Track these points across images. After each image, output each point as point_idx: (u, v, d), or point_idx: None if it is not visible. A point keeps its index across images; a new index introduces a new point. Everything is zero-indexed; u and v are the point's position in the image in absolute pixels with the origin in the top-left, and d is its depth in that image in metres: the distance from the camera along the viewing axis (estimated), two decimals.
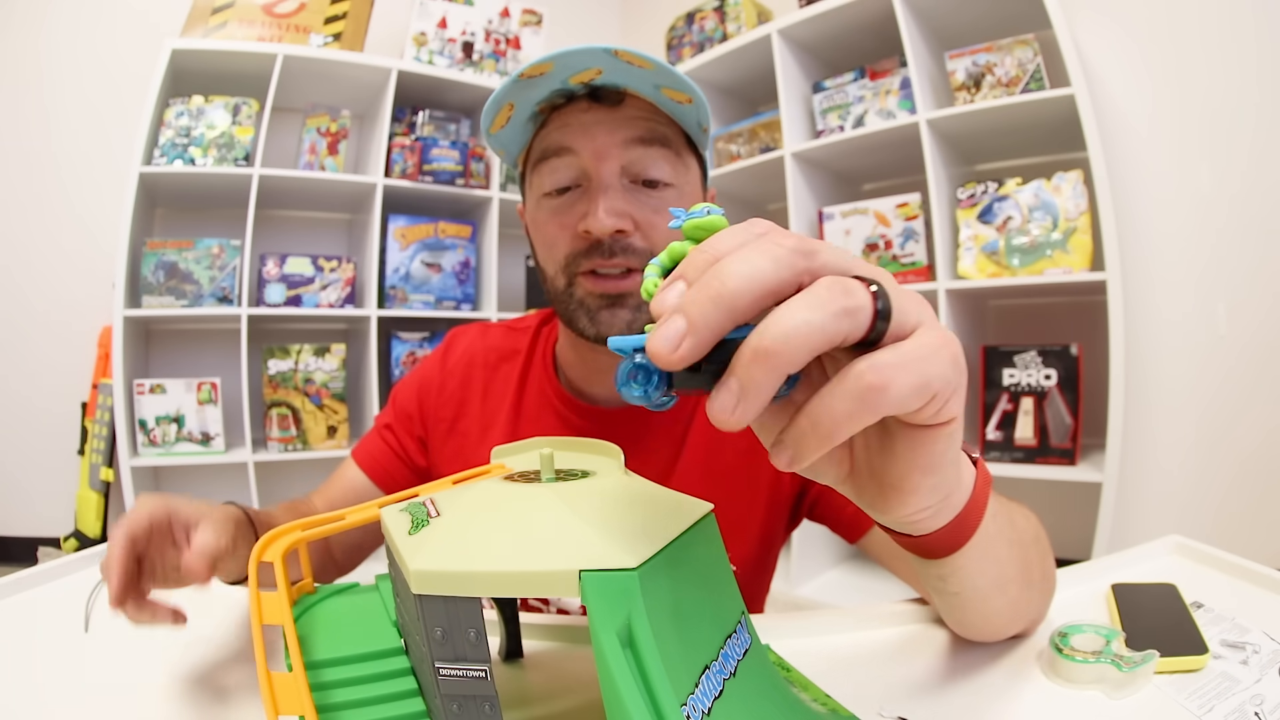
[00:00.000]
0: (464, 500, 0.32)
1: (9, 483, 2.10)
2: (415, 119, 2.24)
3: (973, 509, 0.31)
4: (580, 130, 0.55)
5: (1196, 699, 0.37)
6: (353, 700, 0.30)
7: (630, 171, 0.56)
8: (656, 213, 0.56)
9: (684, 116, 0.57)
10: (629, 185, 0.56)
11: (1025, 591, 0.41)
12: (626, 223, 0.55)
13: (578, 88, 0.55)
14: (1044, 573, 0.44)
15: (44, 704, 0.38)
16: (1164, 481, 1.58)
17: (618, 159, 0.55)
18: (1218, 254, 1.51)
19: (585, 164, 0.55)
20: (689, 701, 0.23)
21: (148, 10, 2.12)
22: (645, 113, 0.56)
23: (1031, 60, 1.59)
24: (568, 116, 0.56)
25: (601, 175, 0.55)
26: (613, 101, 0.55)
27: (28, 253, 2.09)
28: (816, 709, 0.32)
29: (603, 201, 0.54)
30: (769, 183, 2.00)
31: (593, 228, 0.54)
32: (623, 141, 0.55)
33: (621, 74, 0.52)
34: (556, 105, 0.57)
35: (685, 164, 0.59)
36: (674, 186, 0.57)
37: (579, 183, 0.57)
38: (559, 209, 0.57)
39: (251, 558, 0.36)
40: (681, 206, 0.56)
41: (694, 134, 0.59)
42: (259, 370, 2.07)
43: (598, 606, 0.23)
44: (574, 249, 0.56)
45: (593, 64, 0.51)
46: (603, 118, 0.55)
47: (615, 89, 0.55)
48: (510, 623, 0.42)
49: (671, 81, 0.52)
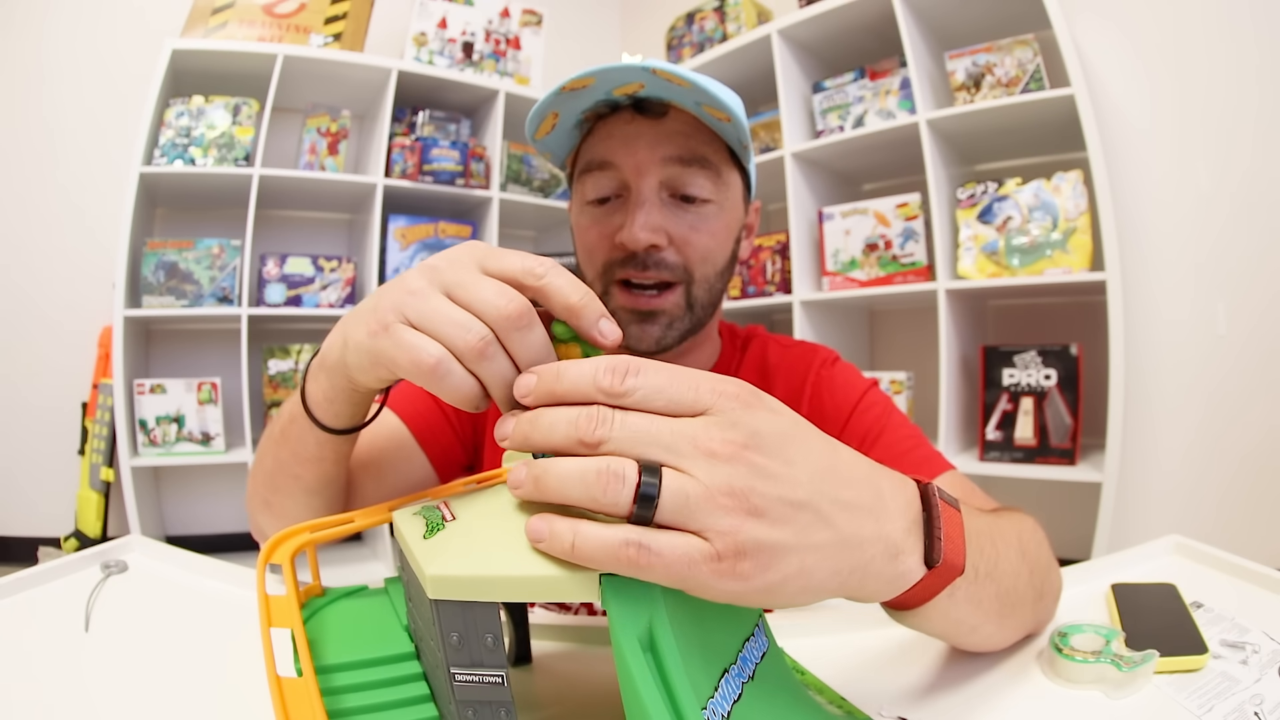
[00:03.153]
0: (479, 503, 0.31)
1: (9, 483, 2.09)
2: (415, 119, 2.23)
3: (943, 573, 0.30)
4: (622, 143, 0.56)
5: (1196, 699, 0.37)
6: (364, 706, 0.30)
7: (669, 186, 0.57)
8: (693, 229, 0.57)
9: (726, 132, 0.57)
10: (667, 200, 0.57)
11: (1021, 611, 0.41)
12: (661, 237, 0.56)
13: (622, 99, 0.56)
14: (1047, 585, 0.43)
15: (44, 704, 0.38)
16: (1164, 481, 1.58)
17: (657, 174, 0.56)
18: (1217, 254, 1.51)
19: (625, 177, 0.57)
20: (709, 705, 0.23)
21: (148, 10, 2.12)
22: (688, 128, 0.56)
23: (1031, 60, 1.59)
24: (612, 127, 0.57)
25: (640, 189, 0.56)
26: (656, 113, 0.56)
27: (28, 253, 2.08)
28: (832, 711, 0.32)
29: (640, 215, 0.55)
30: (769, 183, 2.00)
31: (627, 241, 0.55)
32: (662, 159, 0.56)
33: (663, 89, 0.53)
34: (601, 115, 0.58)
35: (726, 181, 0.59)
36: (713, 203, 0.58)
37: (619, 193, 0.58)
38: (599, 218, 0.59)
39: (259, 560, 0.36)
40: (719, 222, 0.59)
41: (737, 149, 0.59)
42: (259, 370, 2.07)
43: (619, 611, 0.23)
44: (611, 258, 0.58)
45: (634, 79, 0.52)
46: (644, 130, 0.56)
47: (659, 101, 0.56)
48: (519, 626, 0.42)
49: (710, 100, 0.52)
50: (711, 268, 0.59)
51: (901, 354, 2.07)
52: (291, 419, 0.46)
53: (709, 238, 0.58)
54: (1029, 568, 0.41)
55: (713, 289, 0.61)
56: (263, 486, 0.51)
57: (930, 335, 1.68)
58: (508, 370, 0.30)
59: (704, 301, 0.60)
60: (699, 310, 0.60)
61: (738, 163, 0.61)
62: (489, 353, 0.29)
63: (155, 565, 0.59)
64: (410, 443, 0.61)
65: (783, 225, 1.95)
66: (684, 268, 0.57)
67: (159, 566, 0.59)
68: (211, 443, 1.99)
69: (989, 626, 0.39)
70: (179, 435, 1.97)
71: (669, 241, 0.57)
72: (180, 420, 1.97)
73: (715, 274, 0.60)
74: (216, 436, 1.99)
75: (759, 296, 2.06)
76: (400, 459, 0.61)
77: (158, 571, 0.58)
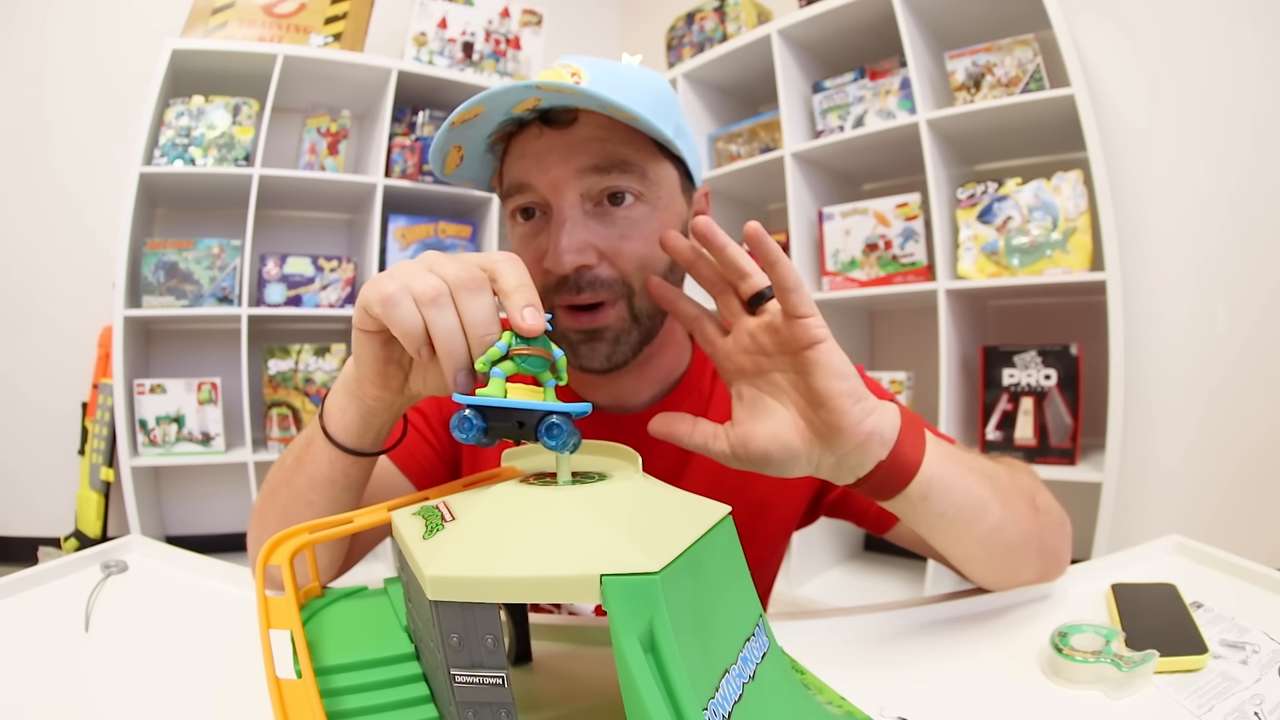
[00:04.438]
0: (479, 504, 0.31)
1: (9, 483, 2.09)
2: (415, 119, 2.23)
3: (909, 434, 0.43)
4: (535, 161, 0.53)
5: (1196, 699, 0.37)
6: (364, 707, 0.30)
7: (591, 197, 0.53)
8: (624, 238, 0.53)
9: (644, 129, 0.51)
10: (592, 210, 0.53)
11: (1014, 511, 0.48)
12: (589, 256, 0.52)
13: (525, 114, 0.52)
14: (1042, 503, 0.51)
15: (44, 704, 0.38)
16: (1163, 481, 1.58)
17: (574, 188, 0.52)
18: (1217, 253, 1.51)
19: (545, 196, 0.53)
20: (710, 706, 0.23)
21: (148, 10, 2.12)
22: (601, 131, 0.52)
23: (1031, 60, 1.59)
24: (524, 145, 0.54)
25: (560, 208, 0.52)
26: (564, 123, 0.52)
27: (28, 252, 2.08)
28: (832, 711, 0.32)
29: (562, 237, 0.51)
30: (769, 183, 2.00)
31: (553, 266, 0.51)
32: (577, 171, 0.52)
33: (561, 98, 0.49)
34: (512, 132, 0.55)
35: (654, 179, 0.54)
36: (643, 203, 0.54)
37: (544, 210, 0.54)
38: (525, 238, 0.55)
39: (258, 561, 0.36)
40: (654, 223, 0.56)
41: (662, 138, 0.52)
42: (259, 370, 2.07)
43: (619, 611, 0.23)
44: (545, 283, 0.53)
45: (524, 97, 0.49)
46: (555, 144, 0.52)
47: (565, 109, 0.51)
48: (519, 625, 0.42)
49: (601, 107, 0.48)
50: (652, 273, 0.54)
51: (901, 354, 2.07)
52: (308, 442, 0.48)
53: (642, 243, 0.53)
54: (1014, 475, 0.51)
55: None
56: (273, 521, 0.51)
57: (930, 335, 1.68)
58: (452, 321, 0.35)
59: (650, 310, 0.56)
60: (646, 320, 0.56)
61: (668, 153, 0.55)
62: (440, 301, 0.35)
63: (155, 565, 0.59)
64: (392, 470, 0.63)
65: (783, 225, 1.96)
66: (620, 281, 0.53)
67: (159, 566, 0.59)
68: (211, 443, 1.99)
69: (994, 504, 0.47)
70: (179, 435, 1.97)
71: (599, 257, 0.52)
72: (180, 420, 1.97)
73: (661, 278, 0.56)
74: (216, 436, 1.99)
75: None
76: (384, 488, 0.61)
77: (158, 571, 0.58)
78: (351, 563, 0.59)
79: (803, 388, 0.43)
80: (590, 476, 0.34)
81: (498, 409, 0.34)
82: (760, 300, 0.44)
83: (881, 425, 0.42)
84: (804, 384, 0.42)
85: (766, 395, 0.45)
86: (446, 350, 0.35)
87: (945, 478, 0.44)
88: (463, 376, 0.35)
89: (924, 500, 0.44)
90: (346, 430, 0.46)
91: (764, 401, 0.45)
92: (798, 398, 0.43)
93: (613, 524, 0.27)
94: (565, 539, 0.27)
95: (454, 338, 0.35)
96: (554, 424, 0.33)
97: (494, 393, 0.34)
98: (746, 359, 0.45)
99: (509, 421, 0.34)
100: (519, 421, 0.34)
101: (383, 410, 0.45)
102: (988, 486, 0.47)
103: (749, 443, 0.44)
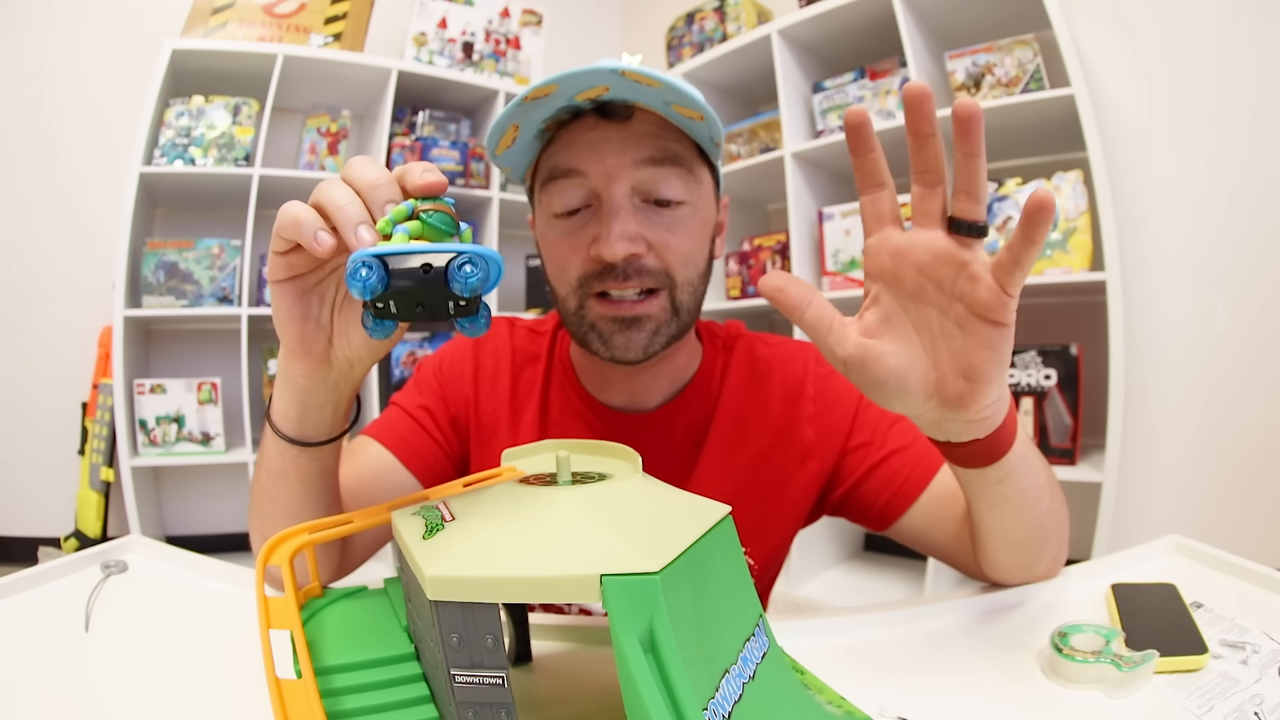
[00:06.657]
0: (479, 504, 0.31)
1: (9, 483, 2.09)
2: (415, 119, 2.24)
3: (1010, 416, 0.43)
4: (588, 149, 0.53)
5: (1196, 699, 0.37)
6: (364, 707, 0.30)
7: (642, 191, 0.54)
8: (670, 232, 0.55)
9: (696, 130, 0.55)
10: (641, 205, 0.55)
11: (1054, 503, 0.50)
12: (640, 245, 0.53)
13: (584, 104, 0.53)
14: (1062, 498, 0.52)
15: (44, 704, 0.38)
16: (1163, 481, 1.58)
17: (628, 180, 0.54)
18: (1217, 253, 1.51)
19: (595, 185, 0.54)
20: (710, 706, 0.23)
21: (148, 10, 2.12)
22: (655, 128, 0.54)
23: (1031, 60, 1.59)
24: (575, 134, 0.54)
25: (612, 197, 0.53)
26: (621, 117, 0.53)
27: (28, 252, 2.08)
28: (832, 711, 0.32)
29: (615, 225, 0.52)
30: (769, 183, 2.00)
31: (605, 254, 0.52)
32: (633, 162, 0.53)
33: (629, 90, 0.51)
34: (563, 122, 0.55)
35: (698, 179, 0.57)
36: (688, 204, 0.56)
37: (589, 203, 0.55)
38: (570, 231, 0.56)
39: (258, 561, 0.36)
40: (695, 223, 0.57)
41: (706, 146, 0.57)
42: (259, 370, 2.07)
43: (619, 611, 0.23)
44: (587, 271, 0.55)
45: (599, 83, 0.50)
46: (611, 135, 0.53)
47: (623, 104, 0.53)
48: (519, 626, 0.42)
49: (682, 99, 0.50)
50: (693, 270, 0.57)
51: None
52: (264, 437, 0.48)
53: (687, 240, 0.56)
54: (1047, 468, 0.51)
55: (696, 291, 0.59)
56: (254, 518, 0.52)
57: None
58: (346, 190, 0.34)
59: (689, 306, 0.58)
60: (684, 315, 0.57)
61: (705, 160, 0.59)
62: (331, 180, 0.35)
63: (155, 565, 0.59)
64: (397, 467, 0.62)
65: (783, 225, 1.95)
66: (665, 273, 0.55)
67: (159, 566, 0.59)
68: (211, 443, 1.99)
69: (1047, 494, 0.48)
70: (179, 435, 1.97)
71: (648, 248, 0.54)
72: (180, 420, 1.97)
73: (697, 276, 0.58)
74: (216, 436, 1.99)
75: (759, 297, 2.05)
76: (390, 485, 0.60)
77: (158, 571, 0.58)
78: (352, 566, 0.59)
79: (957, 347, 0.38)
80: (590, 476, 0.34)
81: (402, 270, 0.30)
82: (967, 231, 0.38)
83: (999, 410, 0.41)
84: (963, 347, 0.38)
85: (910, 321, 0.40)
86: (343, 216, 0.33)
87: (1023, 465, 0.45)
88: (364, 229, 0.32)
89: (999, 482, 0.45)
90: (286, 417, 0.45)
91: (904, 326, 0.40)
92: (946, 352, 0.39)
93: (613, 524, 0.27)
94: (565, 539, 0.27)
95: (350, 202, 0.33)
96: (469, 259, 0.30)
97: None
98: (911, 274, 0.39)
99: (413, 280, 0.30)
100: (424, 268, 0.30)
101: (316, 389, 0.43)
102: (1045, 475, 0.49)
103: (874, 363, 0.40)
